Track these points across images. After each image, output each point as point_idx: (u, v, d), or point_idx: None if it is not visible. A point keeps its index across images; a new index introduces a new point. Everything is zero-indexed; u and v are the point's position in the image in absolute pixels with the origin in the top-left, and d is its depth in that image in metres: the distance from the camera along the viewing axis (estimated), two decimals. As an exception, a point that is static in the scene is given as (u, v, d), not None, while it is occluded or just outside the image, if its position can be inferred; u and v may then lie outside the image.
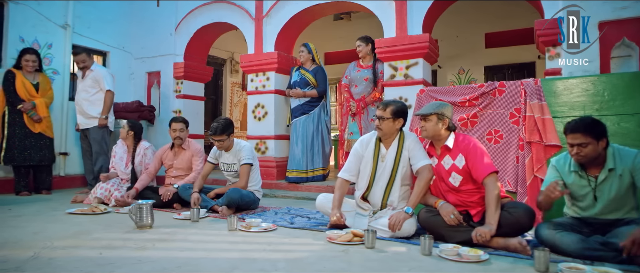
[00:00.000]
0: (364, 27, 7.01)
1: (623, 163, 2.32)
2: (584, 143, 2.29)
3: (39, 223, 3.25)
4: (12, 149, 4.77)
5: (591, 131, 2.29)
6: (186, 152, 4.24)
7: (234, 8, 5.84)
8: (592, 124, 2.31)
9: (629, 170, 2.30)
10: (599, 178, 2.36)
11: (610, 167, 2.33)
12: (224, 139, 3.83)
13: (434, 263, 2.24)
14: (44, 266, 2.14)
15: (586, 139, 2.28)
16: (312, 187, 4.98)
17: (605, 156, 2.35)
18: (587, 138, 2.28)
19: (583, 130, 2.29)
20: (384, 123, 2.90)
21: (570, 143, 2.35)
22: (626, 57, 3.62)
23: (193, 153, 4.24)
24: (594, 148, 2.29)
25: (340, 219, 2.88)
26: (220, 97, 8.55)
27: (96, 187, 4.24)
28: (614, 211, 2.36)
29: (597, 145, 2.30)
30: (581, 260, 2.17)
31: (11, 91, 4.76)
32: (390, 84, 4.69)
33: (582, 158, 2.33)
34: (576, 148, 2.32)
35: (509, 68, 7.68)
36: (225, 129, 3.81)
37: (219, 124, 3.81)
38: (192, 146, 4.27)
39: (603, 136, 2.31)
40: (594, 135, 2.28)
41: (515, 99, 3.42)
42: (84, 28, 5.93)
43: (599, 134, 2.29)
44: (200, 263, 2.20)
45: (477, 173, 2.63)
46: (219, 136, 3.80)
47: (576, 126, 2.32)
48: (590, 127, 2.30)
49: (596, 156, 2.33)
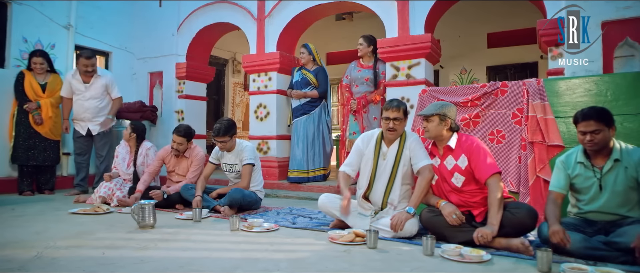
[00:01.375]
0: (366, 27, 7.01)
1: (629, 156, 2.35)
2: (597, 129, 2.34)
3: (42, 222, 3.26)
4: (17, 148, 4.86)
5: (603, 118, 2.35)
6: (188, 160, 4.23)
7: (236, 8, 5.85)
8: (603, 111, 2.39)
9: (635, 166, 2.32)
10: (605, 167, 2.38)
11: (616, 157, 2.35)
12: (226, 141, 3.83)
13: (436, 263, 2.24)
14: (47, 265, 2.14)
15: (599, 126, 2.34)
16: (314, 187, 4.98)
17: (611, 147, 2.39)
18: (599, 125, 2.33)
19: (596, 117, 2.35)
20: (400, 123, 2.91)
21: (582, 131, 2.38)
22: (629, 57, 3.60)
23: (193, 159, 4.21)
24: (605, 135, 2.35)
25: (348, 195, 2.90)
26: (223, 97, 8.56)
27: (100, 186, 4.25)
28: (617, 206, 2.36)
29: (608, 132, 2.36)
30: (584, 260, 2.17)
31: (19, 91, 4.88)
32: (392, 84, 4.69)
33: (595, 145, 2.37)
34: (589, 136, 2.35)
35: (511, 68, 7.66)
36: (227, 131, 3.81)
37: (222, 125, 3.81)
38: (193, 154, 4.23)
39: (612, 123, 2.37)
40: (605, 122, 2.35)
41: (518, 99, 3.41)
42: (86, 28, 5.95)
43: (609, 121, 2.36)
44: (202, 263, 2.20)
45: (480, 173, 2.63)
46: (221, 137, 3.80)
47: (589, 114, 2.37)
48: (601, 114, 2.36)
49: (606, 143, 2.37)
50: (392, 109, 2.89)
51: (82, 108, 4.99)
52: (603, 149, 2.39)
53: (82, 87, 4.95)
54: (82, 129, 5.06)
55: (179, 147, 4.12)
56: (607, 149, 2.39)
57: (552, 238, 2.24)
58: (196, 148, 4.29)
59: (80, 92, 4.96)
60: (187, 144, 4.18)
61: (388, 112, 2.90)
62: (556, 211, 2.38)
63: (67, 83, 4.98)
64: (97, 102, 5.00)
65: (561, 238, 2.21)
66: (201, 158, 4.27)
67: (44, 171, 5.05)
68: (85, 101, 4.97)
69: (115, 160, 4.56)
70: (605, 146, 2.38)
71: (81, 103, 4.98)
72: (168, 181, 4.34)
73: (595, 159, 2.43)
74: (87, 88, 4.96)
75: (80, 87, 4.96)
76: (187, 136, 4.15)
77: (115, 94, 5.14)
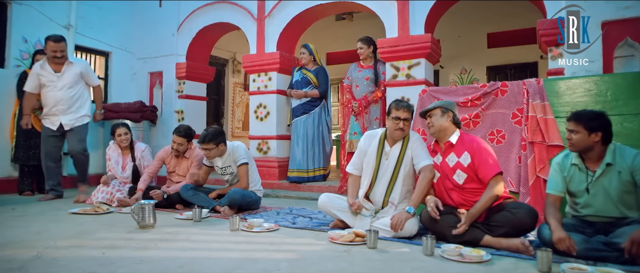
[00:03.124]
0: (366, 27, 7.01)
1: (623, 160, 2.33)
2: (574, 130, 2.37)
3: (42, 222, 3.26)
4: (18, 148, 4.86)
5: (583, 121, 2.35)
6: (188, 160, 4.23)
7: (236, 8, 5.85)
8: (587, 115, 2.38)
9: (629, 169, 2.30)
10: (597, 172, 2.37)
11: (607, 162, 2.35)
12: (211, 148, 3.79)
13: (436, 263, 2.24)
14: (47, 265, 2.14)
15: (576, 128, 2.36)
16: (314, 187, 4.98)
17: (604, 151, 2.37)
18: (577, 127, 2.36)
19: (575, 119, 2.38)
20: (408, 124, 2.93)
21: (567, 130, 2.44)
22: (629, 57, 3.60)
23: (192, 160, 4.21)
24: (582, 138, 2.35)
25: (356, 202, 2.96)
26: (223, 97, 8.56)
27: (97, 191, 4.24)
28: (613, 209, 2.35)
29: (587, 137, 2.34)
30: (584, 261, 2.17)
31: (21, 91, 4.82)
32: (392, 85, 4.69)
33: (572, 146, 2.41)
34: (567, 134, 2.42)
35: (511, 68, 7.66)
36: (213, 138, 3.76)
37: (208, 132, 3.79)
38: (193, 155, 4.23)
39: (598, 130, 2.33)
40: (585, 126, 2.33)
41: (518, 99, 3.41)
42: (86, 28, 5.96)
43: (592, 127, 2.33)
44: (202, 263, 2.20)
45: (483, 173, 2.63)
46: (206, 144, 3.76)
47: (572, 115, 2.43)
48: (582, 117, 2.36)
49: (586, 147, 2.37)
50: (403, 109, 2.89)
51: (53, 99, 4.39)
52: (588, 151, 2.38)
53: (53, 78, 4.38)
54: (52, 125, 4.47)
55: (179, 148, 4.12)
56: (596, 152, 2.37)
57: (559, 245, 2.22)
58: (196, 148, 4.27)
59: (52, 83, 4.39)
60: (187, 144, 4.18)
61: (399, 112, 2.89)
62: (557, 215, 2.38)
63: (34, 76, 4.38)
64: (71, 91, 4.43)
65: (567, 247, 2.19)
66: (201, 158, 4.25)
67: (44, 171, 5.04)
68: (57, 91, 4.39)
69: (108, 163, 4.49)
70: (587, 150, 2.37)
71: (53, 94, 4.39)
72: (168, 182, 4.34)
73: (589, 163, 2.43)
74: (59, 77, 4.39)
75: (51, 77, 4.38)
76: (188, 137, 4.15)
77: (94, 82, 4.64)
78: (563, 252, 2.22)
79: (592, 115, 2.37)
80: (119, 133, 4.35)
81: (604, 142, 2.36)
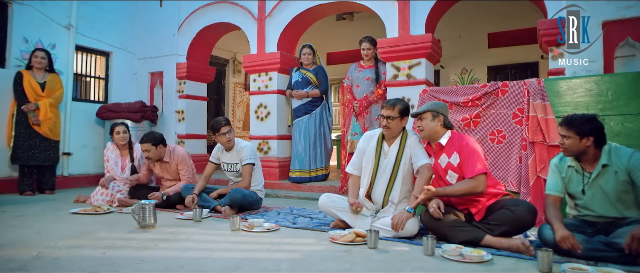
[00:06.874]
0: (367, 27, 7.01)
1: (619, 160, 2.32)
2: (565, 135, 2.37)
3: (43, 222, 3.26)
4: (17, 148, 4.85)
5: (573, 126, 2.34)
6: (170, 164, 4.16)
7: (237, 8, 5.85)
8: (578, 120, 2.36)
9: (625, 169, 2.30)
10: (593, 173, 2.37)
11: (603, 163, 2.34)
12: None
13: (437, 263, 2.24)
14: (48, 265, 2.15)
15: (567, 133, 2.36)
16: (315, 187, 4.98)
17: (599, 153, 2.37)
18: (568, 132, 2.36)
19: (566, 124, 2.38)
20: (393, 122, 2.92)
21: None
22: (630, 56, 3.60)
23: (177, 162, 4.14)
24: (574, 143, 2.35)
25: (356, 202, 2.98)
26: (223, 97, 8.56)
27: (96, 193, 4.22)
28: (611, 210, 2.35)
29: (579, 142, 2.34)
30: (584, 261, 2.17)
31: (19, 91, 4.87)
32: (392, 84, 4.69)
33: (565, 151, 2.43)
34: (559, 139, 2.43)
35: (512, 68, 7.66)
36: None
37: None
38: (174, 157, 4.14)
39: (589, 134, 2.32)
40: (576, 131, 2.33)
41: (518, 99, 3.41)
42: (87, 29, 5.96)
43: (583, 131, 2.32)
44: (203, 263, 2.20)
45: (466, 170, 2.62)
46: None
47: (563, 120, 2.43)
48: (573, 123, 2.36)
49: (579, 152, 2.37)
50: (387, 107, 2.93)
51: None
52: (582, 155, 2.38)
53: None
54: None
55: (148, 154, 4.05)
56: (591, 155, 2.37)
57: (563, 244, 2.21)
58: (175, 149, 4.20)
59: None
60: (155, 149, 4.04)
61: (382, 110, 2.96)
62: (558, 215, 2.38)
63: None
64: None
65: (572, 244, 2.19)
66: (184, 157, 4.18)
67: (45, 171, 5.05)
68: None
69: (107, 164, 4.46)
70: (581, 153, 2.37)
71: None
72: (162, 188, 4.29)
73: (585, 164, 2.43)
74: None
75: None
76: (150, 141, 4.01)
77: None
78: (566, 250, 2.22)
79: (584, 120, 2.35)
80: (118, 130, 4.37)
81: (597, 146, 2.35)
